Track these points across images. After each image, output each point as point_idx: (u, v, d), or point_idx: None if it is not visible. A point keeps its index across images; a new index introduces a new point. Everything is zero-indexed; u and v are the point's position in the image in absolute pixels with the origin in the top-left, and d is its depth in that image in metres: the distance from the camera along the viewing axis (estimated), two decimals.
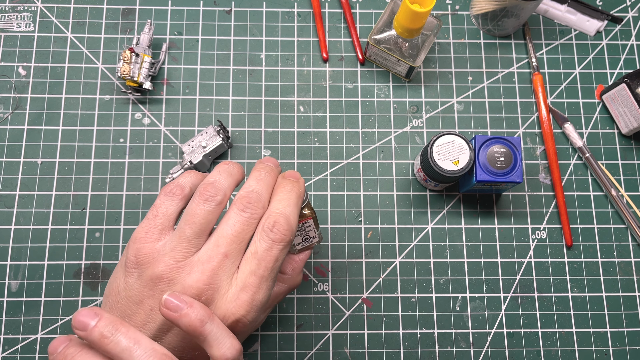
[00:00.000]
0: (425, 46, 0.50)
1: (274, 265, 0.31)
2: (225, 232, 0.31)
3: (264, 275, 0.31)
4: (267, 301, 0.32)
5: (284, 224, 0.31)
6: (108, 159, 0.51)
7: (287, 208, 0.32)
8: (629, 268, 0.50)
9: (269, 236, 0.31)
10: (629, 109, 0.51)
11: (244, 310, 0.30)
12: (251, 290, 0.30)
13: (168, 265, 0.31)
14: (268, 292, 0.31)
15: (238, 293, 0.30)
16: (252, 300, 0.30)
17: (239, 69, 0.54)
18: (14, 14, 0.54)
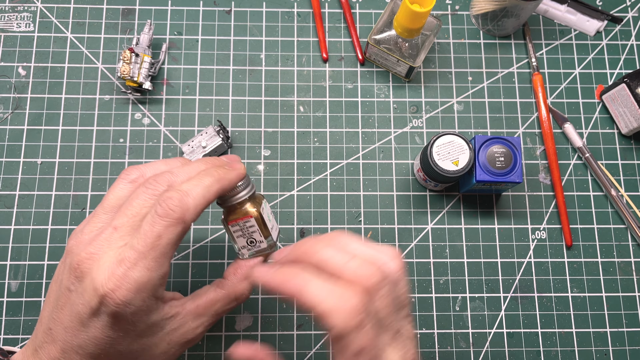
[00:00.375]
0: (425, 46, 0.50)
1: (155, 242, 0.28)
2: (122, 207, 0.30)
3: (143, 252, 0.28)
4: (149, 284, 0.28)
5: (176, 199, 0.29)
6: (108, 159, 0.51)
7: (191, 187, 0.30)
8: (629, 268, 0.50)
9: (156, 211, 0.29)
10: (628, 109, 0.51)
11: (113, 284, 0.27)
12: (125, 265, 0.28)
13: (79, 241, 0.30)
14: (147, 272, 0.28)
15: (113, 266, 0.28)
16: (125, 276, 0.28)
17: (238, 69, 0.54)
18: (14, 14, 0.54)
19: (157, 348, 0.31)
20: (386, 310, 0.28)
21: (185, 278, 0.48)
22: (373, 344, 0.27)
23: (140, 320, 0.29)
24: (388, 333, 0.28)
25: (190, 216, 0.30)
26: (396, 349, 0.29)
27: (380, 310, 0.28)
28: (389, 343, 0.28)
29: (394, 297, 0.29)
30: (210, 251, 0.49)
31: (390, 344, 0.28)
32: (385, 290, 0.28)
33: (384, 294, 0.28)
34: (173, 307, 0.32)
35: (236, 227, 0.37)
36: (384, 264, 0.29)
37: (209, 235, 0.49)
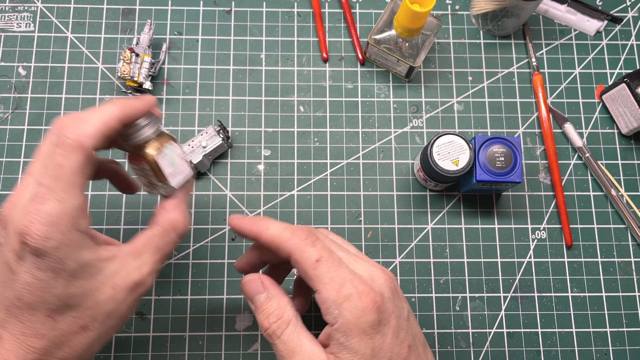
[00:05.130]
0: (425, 46, 0.50)
1: (58, 173, 0.28)
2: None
3: (50, 185, 0.28)
4: (64, 216, 0.28)
5: (70, 126, 0.29)
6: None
7: (87, 114, 0.30)
8: (629, 268, 0.50)
9: (51, 141, 0.29)
10: (628, 109, 0.51)
11: (27, 221, 0.27)
12: (37, 201, 0.28)
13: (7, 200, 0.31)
14: (59, 204, 0.28)
15: (27, 204, 0.28)
16: (38, 211, 0.28)
17: (239, 69, 0.54)
18: (14, 14, 0.54)
19: (102, 293, 0.30)
20: (330, 242, 0.34)
21: (186, 278, 0.48)
22: (329, 254, 0.32)
23: (68, 257, 0.29)
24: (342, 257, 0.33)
25: (89, 142, 0.29)
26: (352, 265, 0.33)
27: (326, 240, 0.34)
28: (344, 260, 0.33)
29: (329, 235, 0.36)
30: (210, 251, 0.49)
31: (350, 263, 0.33)
32: (321, 232, 0.35)
33: (321, 234, 0.34)
34: (109, 250, 0.31)
35: (135, 167, 0.36)
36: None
37: (209, 235, 0.49)
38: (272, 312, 0.33)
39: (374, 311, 0.30)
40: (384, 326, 0.31)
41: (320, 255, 0.32)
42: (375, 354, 0.30)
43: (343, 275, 0.31)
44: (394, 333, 0.31)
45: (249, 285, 0.35)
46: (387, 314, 0.31)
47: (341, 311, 0.30)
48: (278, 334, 0.32)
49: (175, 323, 0.47)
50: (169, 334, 0.47)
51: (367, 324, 0.30)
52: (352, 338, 0.30)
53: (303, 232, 0.33)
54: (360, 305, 0.30)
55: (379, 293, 0.31)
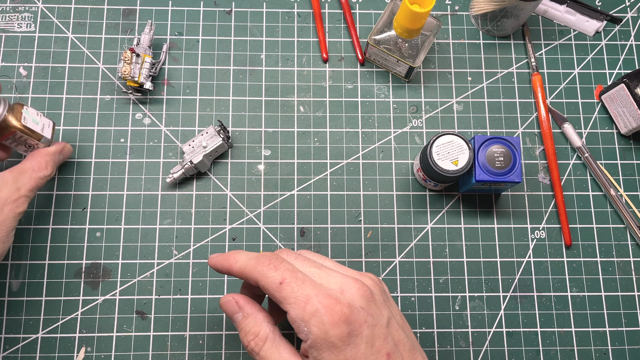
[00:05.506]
0: (424, 46, 0.50)
1: None
2: None
3: None
4: None
5: None
6: (109, 159, 0.51)
7: None
8: (628, 267, 0.50)
9: None
10: (627, 109, 0.51)
11: None
12: None
13: None
14: None
15: None
16: None
17: (239, 69, 0.54)
18: (14, 14, 0.54)
19: None
20: (299, 261, 0.35)
21: (186, 277, 0.48)
22: (292, 275, 0.32)
23: None
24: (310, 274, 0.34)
25: None
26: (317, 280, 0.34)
27: (293, 262, 0.34)
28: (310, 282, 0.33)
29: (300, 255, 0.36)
30: (210, 250, 0.49)
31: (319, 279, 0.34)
32: (290, 253, 0.36)
33: (290, 255, 0.35)
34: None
35: (9, 141, 0.44)
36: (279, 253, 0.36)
37: (210, 235, 0.50)
38: (249, 330, 0.34)
39: (342, 323, 0.31)
40: (356, 337, 0.31)
41: (283, 277, 0.32)
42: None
43: (307, 293, 0.32)
44: (367, 343, 0.31)
45: (226, 307, 0.36)
46: (358, 325, 0.31)
47: (310, 328, 0.31)
48: (257, 351, 0.34)
49: (176, 322, 0.47)
50: (170, 334, 0.47)
51: (335, 338, 0.30)
52: (323, 352, 0.31)
53: (266, 259, 0.34)
54: (327, 320, 0.31)
55: (346, 305, 0.31)
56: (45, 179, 0.44)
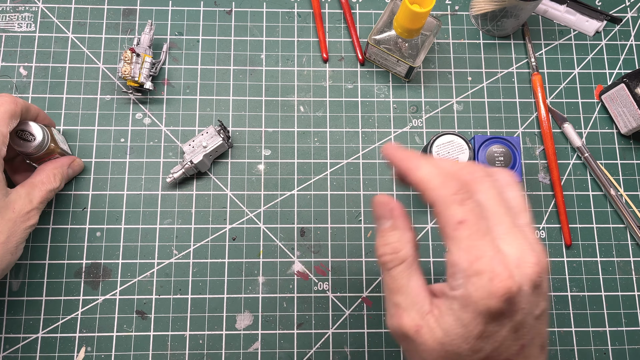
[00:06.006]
0: (424, 46, 0.50)
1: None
2: None
3: None
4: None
5: None
6: (109, 159, 0.51)
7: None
8: (628, 267, 0.50)
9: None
10: (627, 109, 0.51)
11: None
12: None
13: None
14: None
15: None
16: None
17: (239, 69, 0.54)
18: (15, 14, 0.54)
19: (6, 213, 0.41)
20: (492, 202, 0.29)
21: (186, 277, 0.48)
22: (476, 219, 0.28)
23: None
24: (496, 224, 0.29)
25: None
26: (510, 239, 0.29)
27: (485, 201, 0.29)
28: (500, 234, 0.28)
29: (498, 193, 0.30)
30: (210, 250, 0.49)
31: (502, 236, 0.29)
32: (487, 186, 0.30)
33: (486, 189, 0.29)
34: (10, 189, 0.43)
35: (44, 162, 0.47)
36: (494, 171, 0.31)
37: (210, 235, 0.50)
38: (390, 243, 0.32)
39: (502, 301, 0.27)
40: (506, 318, 0.28)
41: (465, 217, 0.28)
42: (482, 338, 0.28)
43: (483, 249, 0.27)
44: (513, 328, 0.28)
45: (378, 208, 0.33)
46: (515, 309, 0.27)
47: (467, 284, 0.27)
48: (388, 267, 0.31)
49: (176, 322, 0.47)
50: (170, 333, 0.47)
51: (487, 309, 0.27)
52: (465, 313, 0.28)
53: (455, 185, 0.29)
54: (489, 289, 0.27)
55: (517, 283, 0.27)
56: (53, 192, 0.46)
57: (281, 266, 0.49)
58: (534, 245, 0.29)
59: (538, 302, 0.29)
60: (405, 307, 0.30)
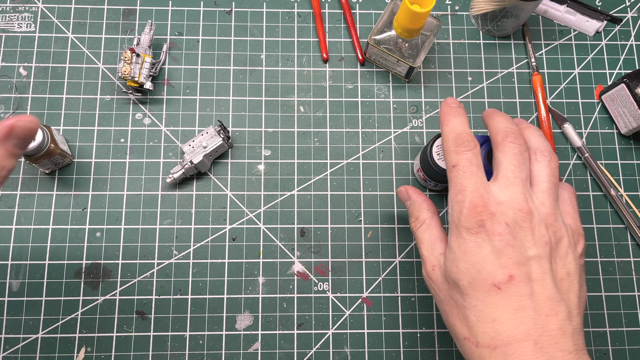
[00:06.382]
0: (425, 46, 0.50)
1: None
2: None
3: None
4: None
5: None
6: (109, 159, 0.51)
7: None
8: (628, 268, 0.50)
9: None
10: (628, 109, 0.51)
11: None
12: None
13: None
14: None
15: None
16: None
17: (239, 69, 0.54)
18: (14, 14, 0.54)
19: None
20: (511, 160, 0.35)
21: (186, 277, 0.48)
22: (466, 164, 0.34)
23: None
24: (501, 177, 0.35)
25: None
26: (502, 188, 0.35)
27: (506, 156, 0.36)
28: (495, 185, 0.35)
29: (522, 160, 0.36)
30: (210, 250, 0.49)
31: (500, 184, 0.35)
32: (515, 150, 0.36)
33: (513, 151, 0.36)
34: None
35: (44, 162, 0.47)
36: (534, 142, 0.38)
37: (210, 235, 0.50)
38: (412, 214, 0.40)
39: (473, 220, 0.33)
40: (481, 240, 0.33)
41: (457, 162, 0.35)
42: (465, 259, 0.33)
43: (466, 184, 0.34)
44: (492, 252, 0.32)
45: (400, 195, 0.43)
46: (491, 232, 0.32)
47: (451, 211, 0.35)
48: (414, 230, 0.40)
49: (176, 322, 0.47)
50: (170, 334, 0.47)
51: (463, 228, 0.33)
52: (452, 236, 0.34)
53: (459, 141, 0.36)
54: (465, 212, 0.33)
55: (488, 212, 0.33)
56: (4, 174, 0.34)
57: (281, 266, 0.49)
58: (531, 199, 0.34)
59: (528, 243, 0.33)
60: (427, 255, 0.37)
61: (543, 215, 0.34)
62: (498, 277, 0.32)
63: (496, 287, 0.32)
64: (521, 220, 0.33)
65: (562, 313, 0.32)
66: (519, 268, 0.32)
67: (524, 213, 0.33)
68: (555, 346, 0.30)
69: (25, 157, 0.45)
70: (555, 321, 0.31)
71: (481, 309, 0.32)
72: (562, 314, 0.31)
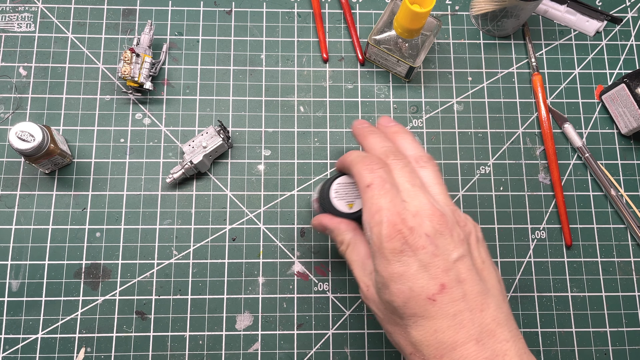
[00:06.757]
0: (425, 46, 0.50)
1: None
2: None
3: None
4: None
5: None
6: (109, 159, 0.51)
7: None
8: (629, 268, 0.50)
9: None
10: (628, 109, 0.51)
11: None
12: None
13: None
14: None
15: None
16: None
17: (239, 69, 0.54)
18: (14, 14, 0.54)
19: None
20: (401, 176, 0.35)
21: (186, 278, 0.48)
22: (380, 183, 0.34)
23: None
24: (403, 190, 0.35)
25: None
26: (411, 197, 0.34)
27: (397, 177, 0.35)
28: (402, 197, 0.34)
29: (409, 170, 0.36)
30: (210, 251, 0.49)
31: (406, 197, 0.34)
32: (400, 165, 0.36)
33: (399, 167, 0.36)
34: None
35: (43, 162, 0.47)
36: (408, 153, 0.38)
37: (210, 235, 0.50)
38: (335, 240, 0.40)
39: (397, 240, 0.32)
40: (408, 257, 0.32)
41: (372, 181, 0.34)
42: (394, 280, 0.32)
43: (381, 204, 0.33)
44: (421, 267, 0.32)
45: (317, 229, 0.42)
46: (414, 247, 0.32)
47: (371, 235, 0.34)
48: (343, 254, 0.39)
49: (176, 323, 0.47)
50: (170, 334, 0.47)
51: (387, 251, 0.32)
52: (375, 259, 0.34)
53: (369, 160, 0.36)
54: (385, 233, 0.33)
55: (408, 227, 0.32)
56: None
57: (281, 267, 0.49)
58: (444, 203, 0.35)
59: (450, 247, 0.33)
60: (360, 276, 0.37)
61: (452, 216, 0.34)
62: (431, 290, 0.32)
63: (431, 299, 0.32)
64: (439, 226, 0.33)
65: (492, 304, 0.32)
66: (448, 274, 0.32)
67: (438, 218, 0.33)
68: (494, 339, 0.31)
69: (25, 157, 0.45)
70: (488, 314, 0.32)
71: (421, 324, 0.32)
72: (492, 305, 0.32)
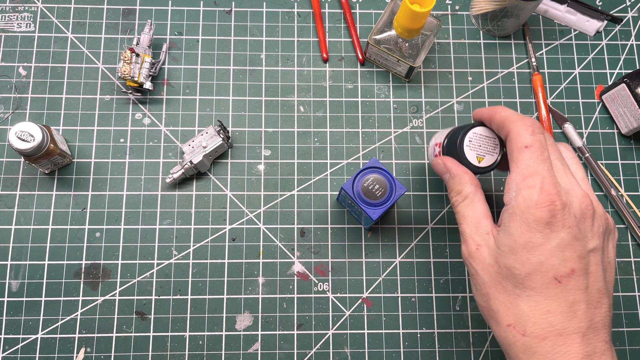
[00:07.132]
0: (425, 46, 0.50)
1: None
2: None
3: None
4: None
5: None
6: (109, 159, 0.51)
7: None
8: (629, 268, 0.50)
9: None
10: (628, 109, 0.51)
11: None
12: None
13: None
14: None
15: None
16: None
17: (239, 69, 0.54)
18: (14, 14, 0.54)
19: None
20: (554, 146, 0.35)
21: (186, 278, 0.48)
22: (540, 148, 0.33)
23: None
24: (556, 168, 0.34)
25: None
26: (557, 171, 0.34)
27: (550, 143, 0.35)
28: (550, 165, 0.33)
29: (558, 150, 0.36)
30: (210, 251, 0.49)
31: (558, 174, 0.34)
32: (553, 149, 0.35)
33: (551, 139, 0.36)
34: None
35: (43, 162, 0.47)
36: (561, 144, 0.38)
37: (210, 235, 0.49)
38: (452, 188, 0.38)
39: (546, 210, 0.31)
40: (550, 231, 0.31)
41: (532, 143, 0.33)
42: (528, 249, 0.31)
43: (538, 169, 0.32)
44: (559, 245, 0.31)
45: (436, 167, 0.40)
46: (560, 224, 0.31)
47: (517, 195, 0.32)
48: (455, 205, 0.37)
49: (176, 323, 0.47)
50: (169, 334, 0.47)
51: (533, 218, 0.31)
52: (513, 222, 0.32)
53: (530, 122, 0.34)
54: (537, 199, 0.31)
55: (561, 202, 0.31)
56: None
57: (281, 267, 0.49)
58: (589, 190, 0.34)
59: (589, 236, 0.32)
60: (469, 233, 0.35)
61: (599, 205, 0.34)
62: (560, 271, 0.31)
63: (557, 280, 0.31)
64: (587, 211, 0.32)
65: (606, 305, 0.32)
66: (580, 262, 0.31)
67: (588, 203, 0.32)
68: (597, 337, 0.31)
69: (24, 157, 0.45)
70: (600, 313, 0.32)
71: (536, 300, 0.31)
72: (605, 305, 0.32)
